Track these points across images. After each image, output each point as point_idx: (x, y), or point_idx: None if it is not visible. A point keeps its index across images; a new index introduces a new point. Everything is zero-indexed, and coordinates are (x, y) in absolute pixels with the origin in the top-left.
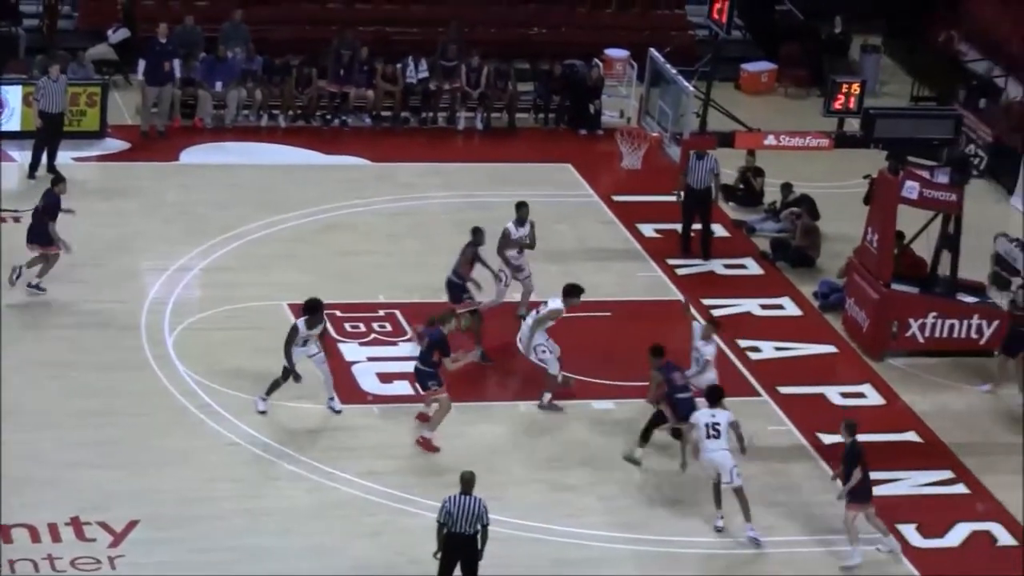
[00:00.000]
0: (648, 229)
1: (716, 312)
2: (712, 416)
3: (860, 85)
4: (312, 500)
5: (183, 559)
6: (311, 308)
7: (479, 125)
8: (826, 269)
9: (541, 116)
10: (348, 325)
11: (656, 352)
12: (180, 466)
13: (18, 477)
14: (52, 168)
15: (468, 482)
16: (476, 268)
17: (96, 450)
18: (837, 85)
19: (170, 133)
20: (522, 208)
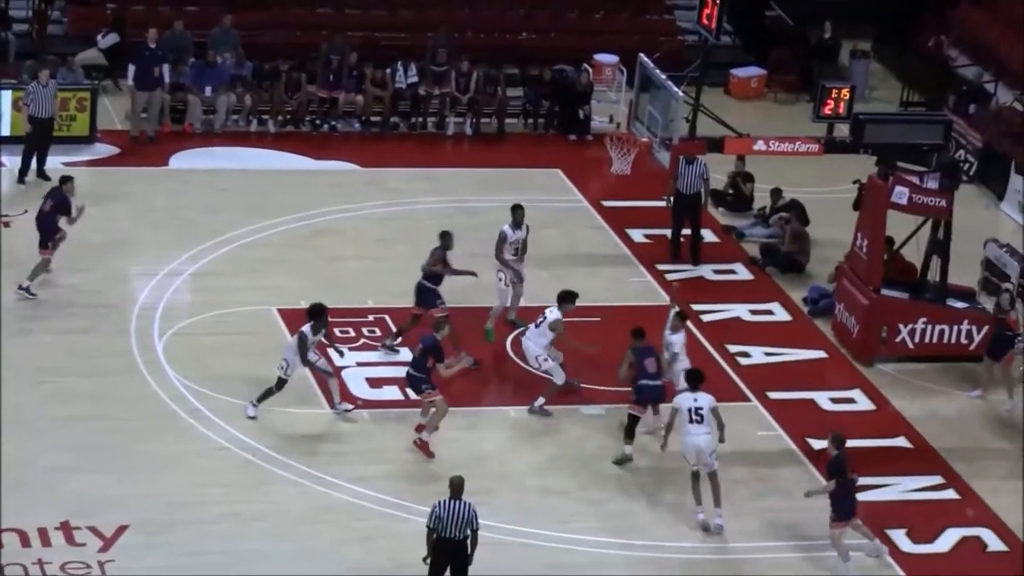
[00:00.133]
0: (638, 234)
1: (706, 318)
2: (695, 400)
3: (850, 90)
4: (302, 505)
5: (173, 564)
6: (316, 313)
7: (468, 130)
8: (816, 274)
9: (530, 121)
10: (337, 330)
11: (636, 334)
12: (170, 471)
13: (8, 482)
14: (42, 173)
15: (458, 487)
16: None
17: (86, 455)
18: (827, 90)
19: (160, 138)
20: (517, 211)
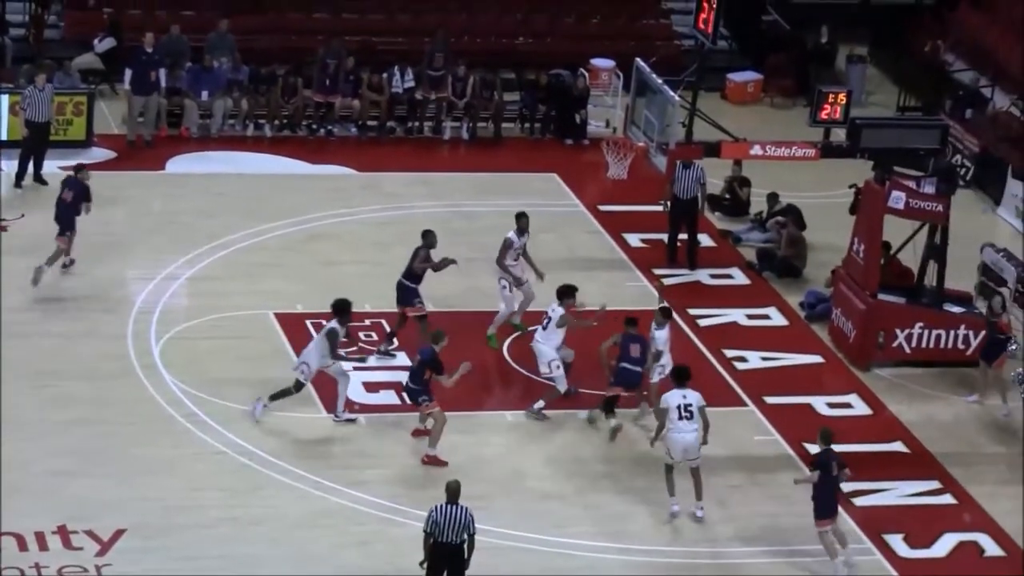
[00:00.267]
0: (634, 239)
1: (703, 322)
2: (684, 397)
3: (846, 95)
4: (299, 509)
5: (170, 568)
6: (341, 309)
7: (465, 135)
8: (813, 279)
9: (527, 126)
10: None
11: (629, 322)
12: (167, 475)
13: (5, 485)
14: (39, 177)
15: (454, 491)
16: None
17: (83, 459)
18: (823, 95)
19: (156, 142)
20: (522, 218)
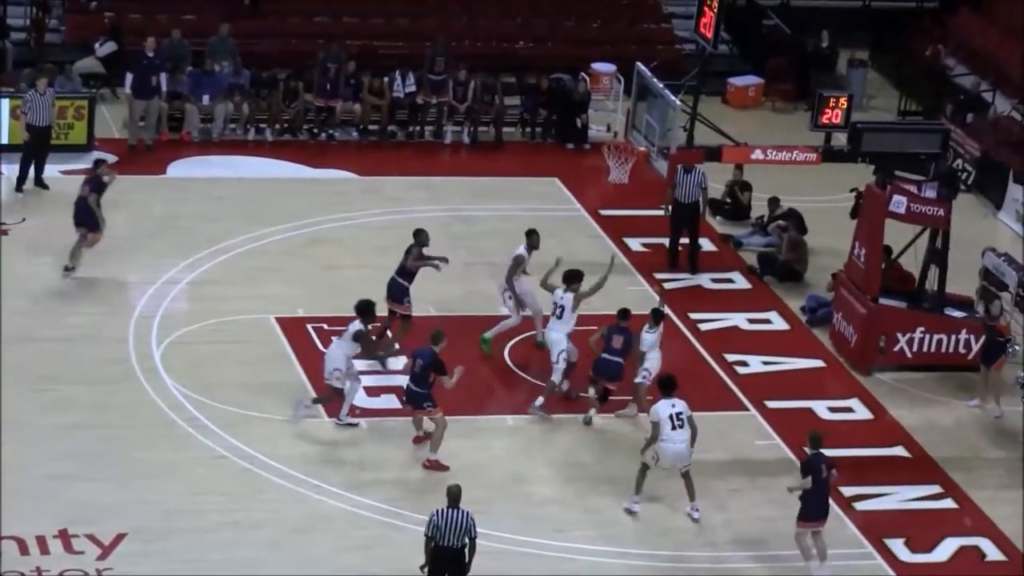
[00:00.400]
0: (635, 243)
1: (704, 327)
2: (673, 407)
3: (847, 99)
4: (300, 513)
5: (171, 572)
6: (366, 309)
7: (466, 139)
8: (814, 283)
9: (528, 130)
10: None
11: (621, 313)
12: (168, 479)
13: (6, 489)
14: (39, 181)
15: (455, 496)
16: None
17: (84, 463)
18: (824, 99)
19: (157, 146)
20: (533, 235)
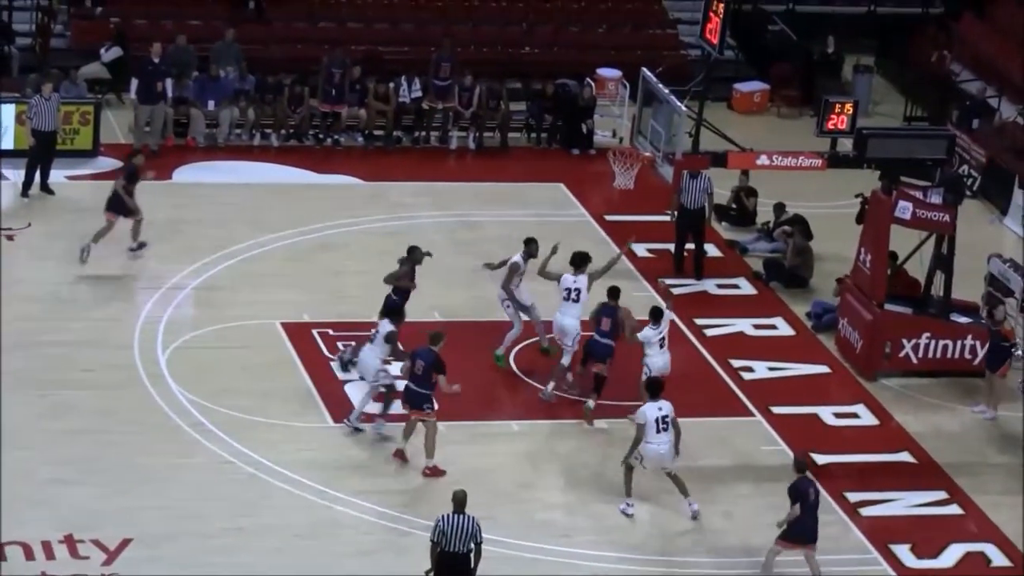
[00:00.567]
0: (641, 249)
1: (709, 332)
2: (659, 409)
3: (853, 105)
4: (305, 519)
5: None
6: (396, 311)
7: (471, 144)
8: (819, 289)
9: (533, 136)
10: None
11: (611, 292)
12: (173, 484)
13: (11, 494)
14: (45, 187)
15: (461, 501)
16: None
17: (89, 468)
18: (830, 105)
19: (163, 152)
20: (532, 243)
